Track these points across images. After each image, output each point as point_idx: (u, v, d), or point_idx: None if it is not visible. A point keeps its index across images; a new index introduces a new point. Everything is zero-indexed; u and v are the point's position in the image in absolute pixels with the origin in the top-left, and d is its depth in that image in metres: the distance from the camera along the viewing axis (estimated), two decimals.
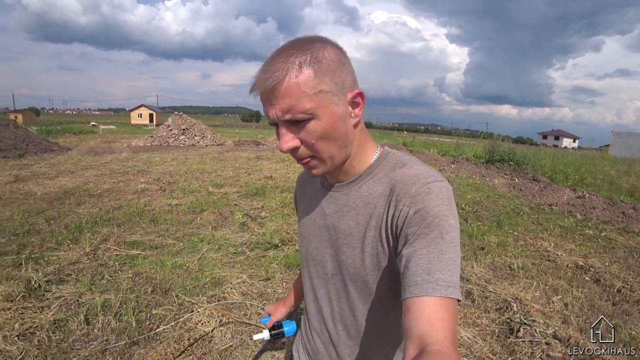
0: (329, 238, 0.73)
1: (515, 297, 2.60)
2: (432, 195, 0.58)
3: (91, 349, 2.01)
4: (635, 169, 13.86)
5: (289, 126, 0.59)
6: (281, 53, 0.58)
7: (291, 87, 0.56)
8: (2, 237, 3.86)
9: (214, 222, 4.46)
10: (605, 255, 3.88)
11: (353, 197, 0.69)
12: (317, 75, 0.57)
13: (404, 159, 0.68)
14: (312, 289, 0.80)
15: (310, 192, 0.81)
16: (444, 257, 0.54)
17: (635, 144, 30.04)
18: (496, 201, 6.72)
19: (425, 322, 0.50)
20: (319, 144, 0.60)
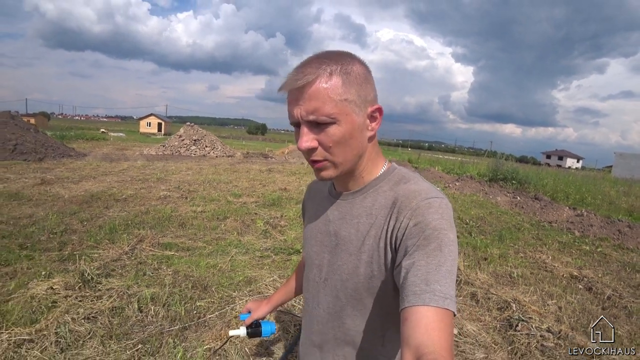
0: (329, 243, 0.76)
1: (514, 298, 2.94)
2: (432, 209, 0.61)
3: (149, 332, 2.35)
4: (634, 190, 14.15)
5: (311, 127, 0.63)
6: (314, 60, 0.63)
7: (319, 91, 0.60)
8: (42, 235, 4.23)
9: (238, 228, 4.82)
10: (599, 268, 4.21)
11: (357, 206, 0.72)
12: (345, 84, 0.62)
13: (408, 175, 0.71)
14: (308, 290, 0.83)
15: (318, 199, 0.84)
16: (442, 269, 0.55)
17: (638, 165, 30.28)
18: (499, 217, 7.05)
19: (422, 331, 0.51)
20: (335, 148, 0.64)
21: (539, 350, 2.27)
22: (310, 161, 0.67)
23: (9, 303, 2.58)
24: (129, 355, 2.08)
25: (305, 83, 0.60)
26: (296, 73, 0.62)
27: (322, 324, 0.78)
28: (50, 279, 2.97)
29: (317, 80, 0.60)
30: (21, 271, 3.22)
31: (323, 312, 0.77)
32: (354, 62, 0.65)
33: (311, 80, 0.60)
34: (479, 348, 2.31)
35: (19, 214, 5.06)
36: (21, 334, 2.17)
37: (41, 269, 3.21)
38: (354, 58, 0.65)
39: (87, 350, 2.10)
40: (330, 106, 0.61)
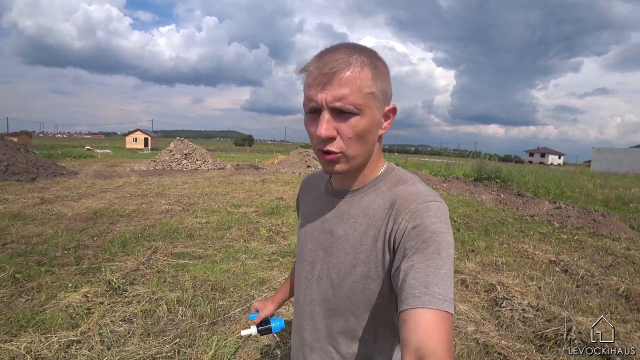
0: (324, 241, 0.75)
1: (499, 282, 3.34)
2: (430, 212, 0.61)
3: (182, 328, 2.64)
4: (610, 182, 14.96)
5: (333, 114, 0.61)
6: (343, 48, 0.62)
7: (351, 79, 0.59)
8: (56, 252, 4.44)
9: (243, 236, 5.12)
10: (575, 253, 4.66)
11: (354, 206, 0.72)
12: (374, 77, 0.61)
13: (406, 177, 0.72)
14: (298, 288, 0.83)
15: (313, 195, 0.84)
16: (441, 272, 0.56)
17: (615, 158, 31.70)
18: (484, 214, 7.51)
19: (422, 333, 0.51)
20: (353, 140, 0.62)
21: (521, 321, 2.67)
22: (322, 151, 0.64)
23: (46, 312, 2.83)
24: (168, 349, 2.37)
25: (337, 69, 0.59)
26: (325, 57, 0.61)
27: (314, 321, 0.77)
28: (79, 289, 3.23)
29: (350, 68, 0.59)
30: (46, 285, 3.45)
31: (318, 308, 0.76)
32: (379, 57, 0.65)
33: (344, 67, 0.59)
34: (470, 323, 2.68)
35: (27, 233, 5.23)
36: (68, 336, 2.43)
37: (66, 282, 3.44)
38: (379, 55, 0.66)
39: (130, 347, 2.38)
40: (358, 96, 0.60)
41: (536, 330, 2.54)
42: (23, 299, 3.13)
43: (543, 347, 2.41)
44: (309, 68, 0.62)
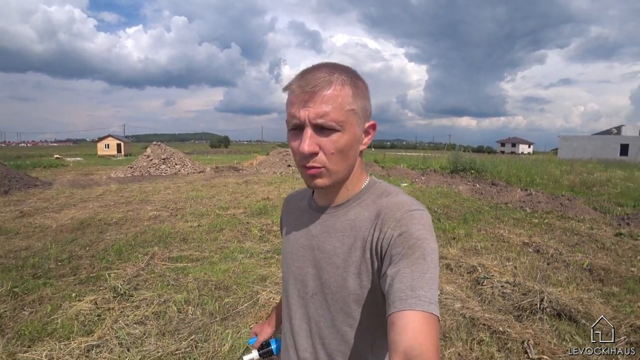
0: (313, 258, 0.76)
1: (480, 264, 3.70)
2: (414, 220, 0.64)
3: (195, 326, 2.81)
4: (576, 168, 15.95)
5: (316, 130, 0.63)
6: (324, 67, 0.65)
7: (332, 97, 0.62)
8: (49, 264, 4.45)
9: (237, 237, 5.27)
10: (545, 235, 5.13)
11: (340, 219, 0.73)
12: (354, 95, 0.65)
13: (389, 189, 0.74)
14: (288, 306, 0.82)
15: (296, 213, 0.84)
16: (426, 276, 0.58)
17: (579, 146, 33.58)
18: (462, 204, 7.96)
19: (410, 335, 0.52)
20: (335, 156, 0.65)
21: (501, 296, 3.02)
22: (304, 167, 0.66)
23: (57, 321, 2.91)
24: (185, 345, 2.53)
25: (319, 88, 0.62)
26: (307, 76, 0.64)
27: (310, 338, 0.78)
28: (84, 298, 3.31)
29: (332, 86, 0.62)
30: (47, 297, 3.49)
31: (314, 326, 0.77)
32: (359, 76, 0.69)
33: (325, 85, 0.62)
34: (457, 301, 3.00)
35: (14, 247, 5.16)
36: (86, 342, 2.55)
37: (68, 292, 3.50)
38: (358, 74, 0.69)
39: (148, 347, 2.52)
40: (339, 113, 0.63)
41: (514, 303, 2.89)
42: (27, 312, 3.18)
43: (520, 316, 2.75)
44: (291, 87, 0.65)
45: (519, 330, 2.52)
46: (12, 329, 2.86)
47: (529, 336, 2.43)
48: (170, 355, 2.41)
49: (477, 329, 2.59)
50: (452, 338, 2.49)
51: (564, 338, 2.48)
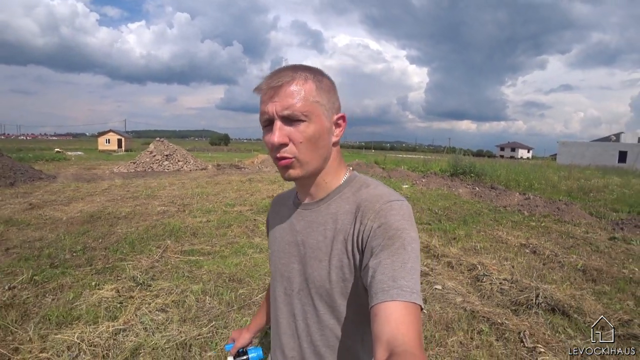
0: (298, 253, 0.77)
1: (479, 262, 3.91)
2: (393, 211, 0.66)
3: (213, 313, 2.99)
4: (574, 174, 16.19)
5: (284, 122, 0.68)
6: (289, 67, 0.71)
7: (295, 91, 0.67)
8: (65, 254, 4.62)
9: (245, 233, 5.45)
10: (542, 237, 5.34)
11: (322, 214, 0.75)
12: (317, 89, 0.69)
13: (368, 181, 0.76)
14: (275, 305, 0.83)
15: (282, 211, 0.85)
16: (407, 266, 0.59)
17: (578, 152, 33.88)
18: (462, 206, 8.17)
19: (392, 326, 0.53)
20: (304, 145, 0.68)
21: (499, 292, 3.22)
22: (277, 158, 0.69)
23: (81, 308, 3.09)
24: (206, 330, 2.72)
25: (282, 83, 0.67)
26: (273, 75, 0.69)
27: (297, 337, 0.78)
28: (103, 287, 3.49)
29: (294, 81, 0.67)
30: (67, 285, 3.67)
31: (301, 324, 0.77)
32: (324, 74, 0.73)
33: (288, 80, 0.67)
34: (458, 295, 3.20)
35: (27, 238, 5.32)
36: (113, 326, 2.73)
37: (87, 281, 3.68)
38: (324, 73, 0.74)
39: (171, 332, 2.71)
40: (304, 104, 0.67)
41: (511, 298, 3.10)
42: (49, 299, 3.36)
43: (517, 310, 2.95)
44: (260, 86, 0.70)
45: (515, 322, 2.72)
46: (37, 314, 3.03)
47: (525, 328, 2.63)
48: (192, 339, 2.60)
49: (477, 321, 2.79)
50: (454, 328, 2.68)
51: (557, 330, 2.68)
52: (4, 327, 2.75)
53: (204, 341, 2.59)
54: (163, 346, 2.50)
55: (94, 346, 2.48)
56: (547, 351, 2.38)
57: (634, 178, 15.86)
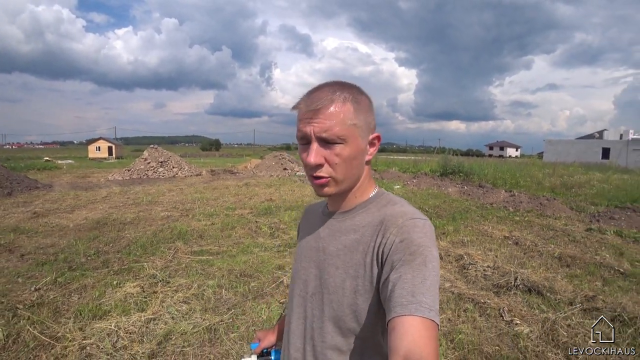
0: (317, 259, 0.80)
1: (466, 253, 4.34)
2: (417, 228, 0.67)
3: (231, 303, 3.34)
4: (558, 171, 16.85)
5: (321, 144, 0.70)
6: (327, 87, 0.72)
7: (334, 113, 0.69)
8: (80, 258, 4.91)
9: (249, 234, 5.80)
10: (524, 230, 5.82)
11: (346, 224, 0.78)
12: (355, 111, 0.71)
13: (395, 199, 0.78)
14: (291, 306, 0.86)
15: (311, 220, 0.90)
16: (427, 283, 0.59)
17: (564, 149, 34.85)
18: (451, 204, 8.64)
19: (410, 340, 0.53)
20: (340, 166, 0.71)
21: (483, 277, 3.66)
22: (312, 177, 0.72)
23: (109, 303, 3.41)
24: (227, 317, 3.07)
25: (322, 106, 0.69)
26: (312, 96, 0.71)
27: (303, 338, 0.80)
28: (124, 285, 3.80)
29: (333, 104, 0.69)
30: (90, 285, 3.96)
31: (308, 326, 0.79)
32: (362, 93, 0.75)
33: (327, 104, 0.69)
34: (447, 281, 3.63)
35: (39, 245, 5.57)
36: (143, 316, 3.07)
37: (109, 280, 3.99)
38: (362, 90, 0.75)
39: (196, 319, 3.05)
40: (341, 128, 0.68)
41: (493, 282, 3.53)
42: (75, 297, 3.66)
43: (498, 292, 3.38)
44: (299, 106, 0.72)
45: (496, 301, 3.14)
46: (67, 310, 3.35)
47: (504, 305, 3.04)
48: (216, 325, 2.95)
49: (463, 301, 3.20)
50: (444, 308, 3.09)
51: (532, 306, 3.11)
52: (40, 323, 3.05)
53: (227, 326, 2.95)
54: (191, 331, 2.85)
55: (130, 333, 2.81)
56: (522, 323, 2.81)
57: (614, 174, 16.59)
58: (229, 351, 2.62)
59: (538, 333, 2.67)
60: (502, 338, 2.67)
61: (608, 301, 3.13)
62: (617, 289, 3.54)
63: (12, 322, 2.96)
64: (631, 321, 2.76)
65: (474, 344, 2.60)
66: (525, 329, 2.70)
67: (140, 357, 2.51)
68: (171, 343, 2.70)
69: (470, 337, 2.68)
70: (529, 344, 2.55)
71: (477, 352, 2.51)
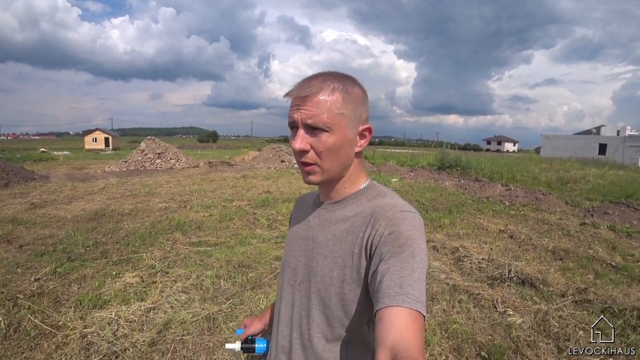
0: (307, 247, 0.82)
1: (461, 245, 4.41)
2: (406, 221, 0.68)
3: (230, 293, 3.39)
4: (554, 166, 16.97)
5: (307, 130, 0.71)
6: (320, 76, 0.73)
7: (321, 101, 0.70)
8: (78, 249, 4.93)
9: (247, 225, 5.84)
10: (520, 224, 5.89)
11: (336, 214, 0.79)
12: (344, 101, 0.71)
13: (385, 192, 0.79)
14: (280, 295, 0.87)
15: (303, 209, 0.91)
16: (415, 275, 0.60)
17: (561, 144, 35.02)
18: (447, 198, 8.70)
19: (397, 330, 0.54)
20: (325, 154, 0.72)
21: (478, 269, 3.72)
22: (300, 163, 0.74)
23: (109, 292, 3.44)
24: (225, 307, 3.12)
25: (309, 93, 0.70)
26: (302, 84, 0.72)
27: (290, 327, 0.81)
28: (123, 275, 3.83)
29: (321, 92, 0.70)
30: (89, 275, 3.99)
31: (296, 314, 0.80)
32: (355, 84, 0.75)
33: (315, 91, 0.70)
34: (442, 273, 3.69)
35: (37, 236, 5.58)
36: (143, 305, 3.11)
37: (108, 271, 4.02)
38: (356, 82, 0.76)
39: (195, 309, 3.09)
40: (327, 116, 0.69)
41: (488, 274, 3.60)
42: (75, 287, 3.69)
43: (492, 284, 3.45)
44: (290, 93, 0.73)
45: (490, 293, 3.20)
46: (67, 300, 3.38)
47: (498, 297, 3.11)
48: (215, 314, 3.00)
49: (458, 293, 3.27)
50: (439, 299, 3.15)
51: (525, 298, 3.18)
52: (41, 312, 3.08)
53: (225, 315, 2.99)
54: (190, 320, 2.89)
55: (130, 322, 2.86)
56: (515, 313, 2.87)
57: (610, 169, 16.72)
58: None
59: (530, 323, 2.74)
60: (495, 328, 2.74)
61: (599, 293, 3.20)
62: (609, 281, 3.62)
63: (13, 312, 2.99)
64: (621, 313, 2.84)
65: (467, 333, 2.66)
66: (518, 320, 2.77)
67: (140, 345, 2.56)
68: (171, 332, 2.75)
69: (464, 327, 2.74)
70: (521, 334, 2.62)
71: (471, 341, 2.58)
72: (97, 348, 2.52)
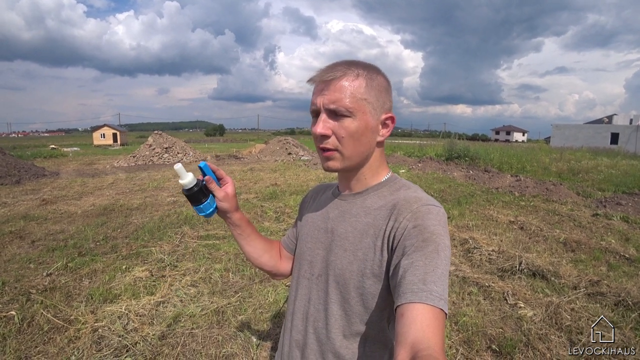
0: (325, 240, 0.79)
1: (471, 237, 4.35)
2: (431, 215, 0.66)
3: (238, 286, 3.40)
4: (565, 156, 16.66)
5: (329, 115, 0.70)
6: (344, 62, 0.72)
7: (344, 86, 0.69)
8: (89, 244, 4.99)
9: (255, 218, 5.85)
10: (530, 215, 5.79)
11: (357, 206, 0.77)
12: (367, 87, 0.70)
13: (409, 185, 0.77)
14: (296, 288, 0.85)
15: (321, 199, 0.88)
16: (438, 271, 0.59)
17: (571, 134, 34.36)
18: (456, 188, 8.61)
19: (418, 328, 0.52)
20: (346, 139, 0.70)
21: (487, 261, 3.68)
22: (320, 148, 0.72)
23: (119, 287, 3.48)
24: (234, 300, 3.13)
25: (333, 78, 0.69)
26: (326, 70, 0.71)
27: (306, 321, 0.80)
28: (133, 270, 3.87)
29: (345, 77, 0.69)
30: (99, 269, 4.04)
31: (312, 309, 0.79)
32: (379, 72, 0.74)
33: (339, 76, 0.69)
34: (452, 265, 3.63)
35: (49, 231, 5.66)
36: (153, 299, 3.14)
37: (118, 265, 4.06)
38: (379, 71, 0.75)
39: (204, 302, 3.11)
40: (350, 101, 0.68)
41: (498, 266, 3.55)
42: (86, 282, 3.74)
43: (503, 275, 3.40)
44: (314, 78, 0.72)
45: (500, 285, 3.16)
46: (79, 294, 3.43)
47: (508, 289, 3.07)
48: (224, 307, 3.01)
49: (468, 285, 3.23)
50: (448, 291, 3.11)
51: (536, 290, 3.13)
52: (53, 306, 3.13)
53: (234, 308, 3.01)
54: (199, 313, 2.91)
55: (140, 316, 2.88)
56: (526, 306, 2.83)
57: (622, 159, 16.37)
58: (237, 333, 2.69)
59: (542, 316, 2.70)
60: (506, 321, 2.70)
61: (612, 286, 3.14)
62: (622, 274, 3.55)
63: (26, 306, 3.04)
64: (635, 306, 2.78)
65: (477, 326, 2.63)
66: (529, 312, 2.72)
67: (150, 339, 2.58)
68: (180, 325, 2.77)
69: (475, 319, 2.71)
70: (532, 327, 2.58)
71: (481, 334, 2.55)
72: (108, 342, 2.55)
